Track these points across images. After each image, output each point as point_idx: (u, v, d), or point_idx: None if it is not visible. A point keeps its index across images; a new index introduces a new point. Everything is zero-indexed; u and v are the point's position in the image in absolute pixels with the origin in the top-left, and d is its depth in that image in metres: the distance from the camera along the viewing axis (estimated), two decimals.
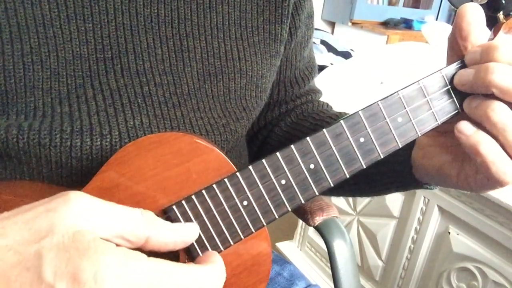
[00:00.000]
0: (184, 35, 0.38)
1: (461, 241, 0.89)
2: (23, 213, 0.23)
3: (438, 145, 0.35)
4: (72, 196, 0.23)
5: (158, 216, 0.28)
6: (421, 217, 0.97)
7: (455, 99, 0.32)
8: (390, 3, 2.93)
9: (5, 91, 0.33)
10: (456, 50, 0.32)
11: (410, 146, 0.35)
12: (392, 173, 0.39)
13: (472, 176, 0.31)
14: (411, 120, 0.32)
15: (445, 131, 0.34)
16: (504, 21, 0.33)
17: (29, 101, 0.33)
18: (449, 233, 0.91)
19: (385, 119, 0.31)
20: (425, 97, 0.32)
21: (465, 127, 0.30)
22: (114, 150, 0.34)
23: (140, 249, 0.25)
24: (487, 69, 0.29)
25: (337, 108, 0.55)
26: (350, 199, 1.16)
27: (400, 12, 2.87)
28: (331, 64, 1.86)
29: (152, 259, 0.23)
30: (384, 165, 0.32)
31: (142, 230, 0.24)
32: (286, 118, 0.51)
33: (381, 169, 0.34)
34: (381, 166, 0.31)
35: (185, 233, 0.27)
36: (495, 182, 0.30)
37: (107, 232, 0.23)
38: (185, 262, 0.30)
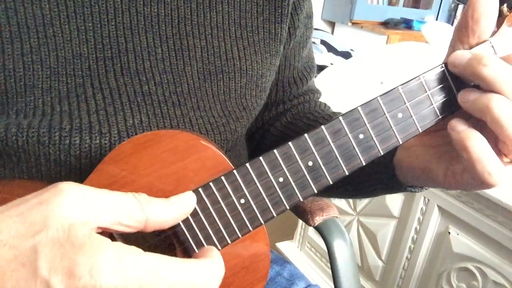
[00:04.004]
0: (184, 34, 0.38)
1: (461, 241, 0.89)
2: (16, 206, 0.22)
3: (423, 144, 0.34)
4: (64, 187, 0.23)
5: None
6: (421, 217, 0.97)
7: (456, 94, 0.32)
8: (390, 3, 2.93)
9: (5, 90, 0.33)
10: (462, 35, 0.31)
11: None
12: (376, 175, 0.39)
13: (459, 174, 0.31)
14: (411, 116, 0.31)
15: (430, 131, 0.34)
16: (508, 13, 0.33)
17: (28, 100, 0.33)
18: (449, 233, 0.91)
19: (385, 114, 0.31)
20: (426, 91, 0.31)
21: (456, 124, 0.30)
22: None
23: (142, 232, 0.25)
24: (480, 60, 0.28)
25: (337, 108, 0.55)
26: (350, 199, 1.16)
27: (400, 12, 2.86)
28: (331, 64, 1.85)
29: (148, 253, 0.23)
30: (368, 167, 0.31)
31: (140, 212, 0.24)
32: (282, 118, 0.51)
33: (365, 171, 0.33)
34: (365, 168, 0.31)
35: (183, 204, 0.27)
36: (480, 182, 0.29)
37: (104, 221, 0.23)
38: None
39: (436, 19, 2.90)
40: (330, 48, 2.10)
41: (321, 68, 1.41)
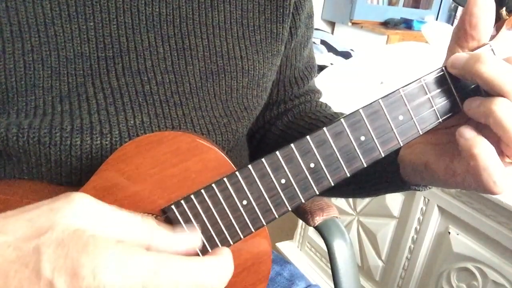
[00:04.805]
0: (186, 33, 0.38)
1: (461, 241, 0.89)
2: (27, 212, 0.23)
3: (426, 142, 0.35)
4: (75, 197, 0.23)
5: (157, 216, 0.28)
6: (421, 217, 0.97)
7: (456, 96, 0.32)
8: (390, 3, 2.93)
9: (5, 90, 0.33)
10: (461, 41, 0.31)
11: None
12: (380, 173, 0.39)
13: (460, 174, 0.31)
14: (412, 118, 0.31)
15: (433, 129, 0.34)
16: (507, 17, 0.33)
17: (29, 100, 0.33)
18: (449, 233, 0.91)
19: (386, 117, 0.31)
20: (427, 94, 0.31)
21: (465, 131, 0.30)
22: (114, 149, 0.33)
23: None
24: (478, 59, 0.29)
25: (337, 108, 0.55)
26: (350, 199, 1.16)
27: (400, 12, 2.86)
28: (331, 64, 1.85)
29: (151, 253, 0.23)
30: (373, 166, 0.32)
31: (143, 237, 0.24)
32: (283, 118, 0.51)
33: (369, 170, 0.34)
34: (369, 167, 0.31)
35: (187, 242, 0.27)
36: (483, 188, 0.29)
37: (106, 235, 0.23)
38: None
39: (436, 19, 2.91)
40: (330, 48, 2.10)
41: (321, 68, 1.40)
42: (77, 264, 0.21)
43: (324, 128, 0.30)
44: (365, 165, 0.31)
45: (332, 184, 0.31)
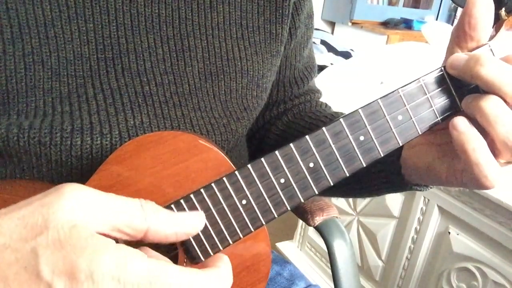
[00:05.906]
0: (185, 34, 0.38)
1: (461, 241, 0.89)
2: (19, 209, 0.22)
3: (428, 143, 0.35)
4: (66, 189, 0.23)
5: None
6: (421, 217, 0.97)
7: (455, 96, 0.32)
8: (390, 3, 2.93)
9: (6, 91, 0.33)
10: (460, 41, 0.31)
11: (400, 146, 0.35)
12: (382, 173, 0.39)
13: (459, 173, 0.31)
14: (411, 118, 0.31)
15: (435, 129, 0.34)
16: (506, 18, 0.33)
17: (30, 101, 0.33)
18: (449, 233, 0.91)
19: (385, 117, 0.31)
20: (426, 94, 0.31)
21: (459, 123, 0.30)
22: (114, 149, 0.34)
23: (141, 241, 0.25)
24: (477, 60, 0.29)
25: (337, 108, 0.55)
26: (350, 199, 1.16)
27: (400, 12, 2.87)
28: (331, 64, 1.86)
29: (151, 259, 0.23)
30: (374, 166, 0.32)
31: (140, 223, 0.24)
32: (283, 117, 0.51)
33: (371, 170, 0.33)
34: (371, 167, 0.31)
35: (189, 224, 0.26)
36: (477, 184, 0.30)
37: (102, 226, 0.23)
38: (184, 262, 0.30)
39: (436, 19, 2.91)
40: (330, 48, 2.10)
41: (321, 68, 1.41)
42: (75, 267, 0.21)
43: (323, 128, 0.30)
44: (364, 165, 0.31)
45: (331, 184, 0.31)
